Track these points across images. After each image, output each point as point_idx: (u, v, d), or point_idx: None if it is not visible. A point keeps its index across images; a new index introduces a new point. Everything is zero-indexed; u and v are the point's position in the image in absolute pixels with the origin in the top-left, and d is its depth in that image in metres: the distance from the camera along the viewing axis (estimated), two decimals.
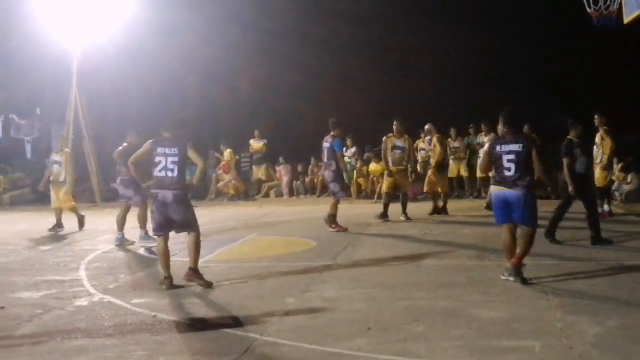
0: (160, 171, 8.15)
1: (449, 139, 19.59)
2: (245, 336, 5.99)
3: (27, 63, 21.73)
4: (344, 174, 13.28)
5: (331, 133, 13.15)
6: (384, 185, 14.59)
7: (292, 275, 8.70)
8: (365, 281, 8.19)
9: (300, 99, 25.25)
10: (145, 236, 11.73)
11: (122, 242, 11.75)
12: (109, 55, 21.37)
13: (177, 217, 8.16)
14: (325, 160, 13.26)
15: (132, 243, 11.81)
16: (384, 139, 14.41)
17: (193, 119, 17.81)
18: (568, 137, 10.57)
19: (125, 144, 11.80)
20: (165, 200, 8.11)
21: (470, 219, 14.15)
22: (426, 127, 16.18)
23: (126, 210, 12.14)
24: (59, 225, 14.02)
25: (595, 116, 13.48)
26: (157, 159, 8.18)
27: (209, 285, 8.08)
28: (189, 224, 8.27)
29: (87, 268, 9.67)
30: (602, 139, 13.18)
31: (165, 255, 8.30)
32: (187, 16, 23.06)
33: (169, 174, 8.12)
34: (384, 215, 14.05)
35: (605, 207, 13.65)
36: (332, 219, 12.90)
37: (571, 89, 22.62)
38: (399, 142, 14.16)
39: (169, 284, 8.12)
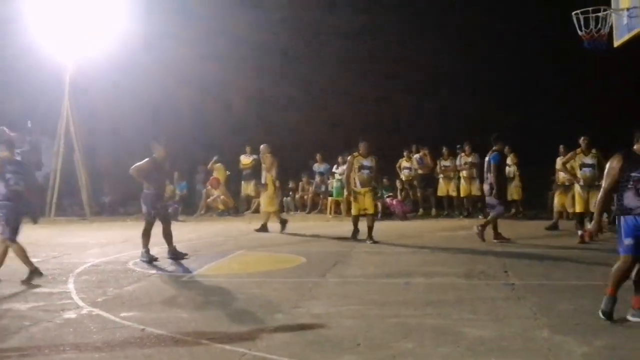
0: (14, 185, 9.58)
1: (441, 158, 19.68)
2: (233, 351, 5.99)
3: (19, 75, 21.70)
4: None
5: (493, 147, 13.39)
6: (353, 209, 14.05)
7: (281, 291, 8.70)
8: (355, 298, 8.20)
9: (293, 113, 25.32)
10: (146, 255, 11.50)
11: (174, 256, 11.58)
12: (101, 69, 21.37)
13: (20, 223, 9.77)
14: (486, 174, 13.52)
15: (186, 255, 11.74)
16: (349, 158, 14.04)
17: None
18: None
19: (146, 159, 11.66)
20: (22, 210, 9.81)
21: (459, 238, 14.16)
22: (261, 147, 16.55)
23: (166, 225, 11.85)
24: None
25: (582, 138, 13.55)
26: (7, 175, 9.56)
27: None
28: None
29: (76, 281, 9.64)
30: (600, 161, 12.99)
31: (24, 252, 9.71)
32: (180, 30, 23.12)
33: (20, 188, 9.64)
34: (356, 232, 13.92)
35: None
36: (494, 230, 13.30)
37: (571, 109, 22.79)
38: (367, 162, 13.64)
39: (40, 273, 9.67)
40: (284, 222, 16.11)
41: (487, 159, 13.55)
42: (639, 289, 6.90)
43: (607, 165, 7.07)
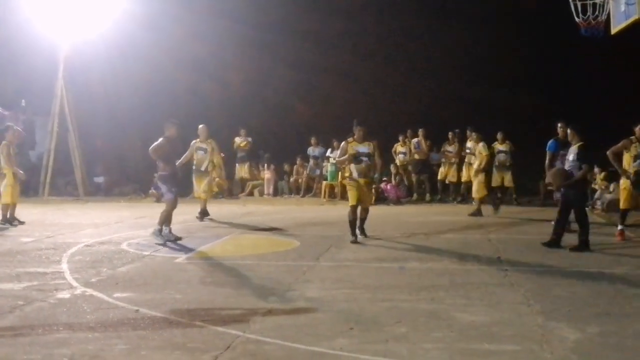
0: None
1: (446, 143, 19.62)
2: (227, 333, 5.99)
3: (15, 55, 21.60)
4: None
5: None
6: (350, 198, 11.76)
7: (275, 274, 8.70)
8: (348, 282, 8.21)
9: (292, 94, 25.26)
10: (157, 232, 11.44)
11: (169, 238, 11.47)
12: (98, 49, 21.31)
13: None
14: None
15: (180, 238, 11.58)
16: (342, 144, 12.04)
17: None
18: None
19: (161, 139, 11.64)
20: None
21: (453, 224, 14.19)
22: (201, 128, 15.07)
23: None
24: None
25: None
26: None
27: None
28: None
29: (70, 261, 9.62)
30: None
31: None
32: (177, 10, 22.99)
33: None
34: (354, 235, 11.62)
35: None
36: None
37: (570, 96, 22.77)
38: (363, 148, 11.68)
39: None
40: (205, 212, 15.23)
41: None
42: None
43: None
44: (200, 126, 15.17)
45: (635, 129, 11.76)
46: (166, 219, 11.59)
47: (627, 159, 11.72)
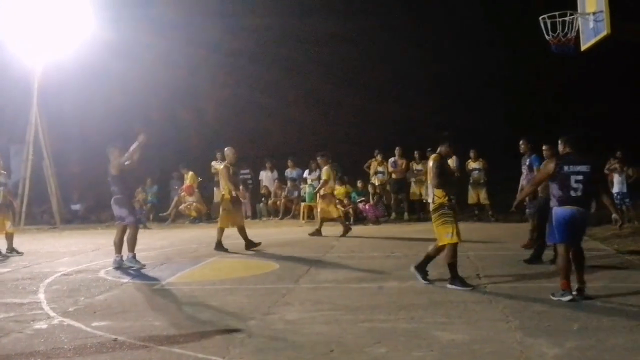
0: None
1: (413, 161, 19.74)
2: (207, 359, 5.96)
3: None
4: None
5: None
6: (452, 233, 9.07)
7: (255, 297, 8.68)
8: (328, 303, 8.21)
9: (265, 120, 25.35)
10: (133, 260, 11.30)
11: (121, 265, 11.29)
12: (71, 76, 21.21)
13: None
14: None
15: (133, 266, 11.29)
16: (434, 162, 9.13)
17: None
18: None
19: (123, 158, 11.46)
20: None
21: (431, 243, 14.19)
22: (227, 151, 14.06)
23: (122, 232, 11.54)
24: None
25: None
26: None
27: None
28: None
29: (47, 291, 9.54)
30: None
31: None
32: (151, 37, 23.05)
33: None
34: (465, 283, 9.02)
35: None
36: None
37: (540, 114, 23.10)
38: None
39: None
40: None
41: None
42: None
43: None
44: (230, 149, 14.05)
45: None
46: (134, 243, 11.44)
47: None
